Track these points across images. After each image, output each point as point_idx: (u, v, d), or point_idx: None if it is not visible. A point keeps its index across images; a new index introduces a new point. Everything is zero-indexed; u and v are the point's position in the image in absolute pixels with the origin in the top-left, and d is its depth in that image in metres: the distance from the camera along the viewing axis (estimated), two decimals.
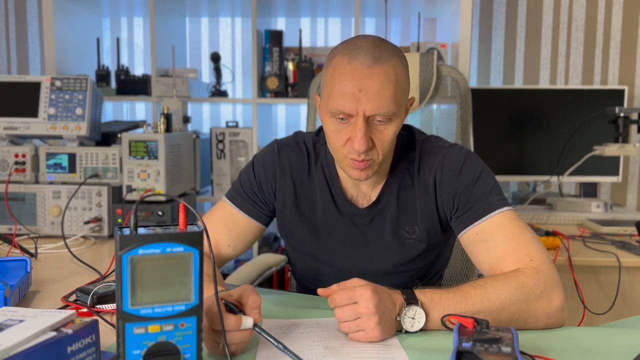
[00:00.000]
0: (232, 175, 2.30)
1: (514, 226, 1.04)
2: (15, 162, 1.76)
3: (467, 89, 1.64)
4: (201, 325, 0.72)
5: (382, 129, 1.04)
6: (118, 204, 1.74)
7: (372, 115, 1.01)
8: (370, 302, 0.86)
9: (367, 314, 0.87)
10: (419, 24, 2.30)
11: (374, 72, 0.99)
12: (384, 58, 1.00)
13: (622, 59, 2.54)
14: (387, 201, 1.16)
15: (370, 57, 1.00)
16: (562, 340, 0.92)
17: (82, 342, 0.73)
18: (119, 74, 2.36)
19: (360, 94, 0.99)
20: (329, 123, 1.05)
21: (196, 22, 2.74)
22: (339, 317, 0.89)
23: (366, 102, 0.99)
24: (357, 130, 1.01)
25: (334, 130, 1.05)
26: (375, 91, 0.99)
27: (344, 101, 1.00)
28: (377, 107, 1.00)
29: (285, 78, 2.32)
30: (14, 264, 1.18)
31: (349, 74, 1.00)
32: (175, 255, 0.69)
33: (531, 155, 2.25)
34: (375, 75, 0.99)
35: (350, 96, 1.00)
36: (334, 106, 1.02)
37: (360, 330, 0.88)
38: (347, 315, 0.88)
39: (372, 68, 0.99)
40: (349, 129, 1.03)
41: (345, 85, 1.00)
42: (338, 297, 0.88)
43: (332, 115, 1.04)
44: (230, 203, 1.23)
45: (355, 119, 1.01)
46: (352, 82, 1.00)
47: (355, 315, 0.87)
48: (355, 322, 0.88)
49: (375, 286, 0.90)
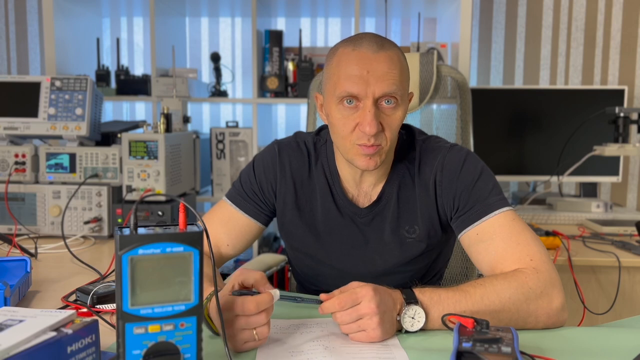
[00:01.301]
0: (232, 175, 2.30)
1: (513, 226, 1.04)
2: (15, 162, 1.76)
3: (467, 89, 1.64)
4: (201, 325, 0.72)
5: (390, 113, 1.04)
6: (118, 204, 1.74)
7: (381, 97, 1.02)
8: (372, 302, 0.87)
9: (368, 314, 0.87)
10: (419, 24, 2.30)
11: (380, 56, 1.02)
12: (387, 45, 1.04)
13: (622, 59, 2.54)
14: (388, 201, 1.17)
15: (374, 44, 1.03)
16: (562, 340, 0.92)
17: (82, 342, 0.73)
18: (118, 74, 2.36)
19: (368, 76, 1.01)
20: (336, 111, 1.05)
21: (196, 22, 2.74)
22: (341, 320, 0.88)
23: (375, 83, 1.01)
24: (366, 113, 1.01)
25: (341, 118, 1.05)
26: (383, 72, 1.01)
27: (353, 83, 1.01)
28: (387, 86, 1.01)
29: (285, 78, 2.32)
30: (14, 264, 1.18)
31: (355, 58, 1.02)
32: (175, 255, 0.69)
33: (531, 155, 2.25)
34: (381, 58, 1.02)
35: (359, 78, 1.01)
36: (343, 89, 1.02)
37: (361, 331, 0.88)
38: (349, 318, 0.88)
39: (377, 53, 1.02)
40: (357, 114, 1.03)
41: (353, 69, 1.02)
42: (339, 300, 0.88)
43: (339, 101, 1.04)
44: (230, 203, 1.23)
45: (364, 102, 1.02)
46: (360, 65, 1.01)
47: (357, 317, 0.87)
48: (356, 323, 0.88)
49: (376, 286, 0.90)
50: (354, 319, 0.88)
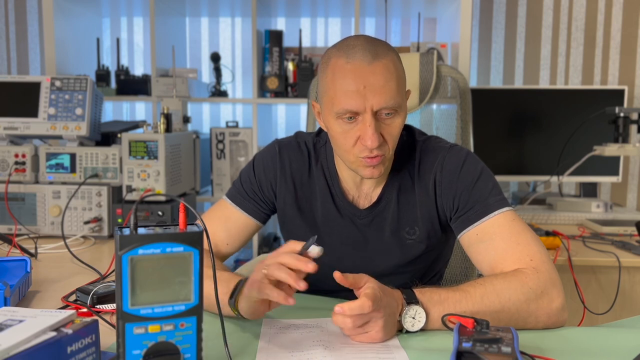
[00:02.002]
0: (232, 175, 2.30)
1: (513, 226, 1.04)
2: (15, 162, 1.76)
3: (467, 89, 1.64)
4: (201, 325, 0.72)
5: (390, 122, 1.03)
6: (118, 204, 1.74)
7: (380, 110, 1.01)
8: (379, 306, 0.87)
9: (375, 317, 0.87)
10: (419, 24, 2.31)
11: (376, 67, 1.00)
12: (381, 53, 1.01)
13: (622, 59, 2.54)
14: (388, 202, 1.16)
15: (368, 53, 1.00)
16: (562, 340, 0.92)
17: (82, 342, 0.73)
18: (119, 74, 2.36)
19: (365, 90, 0.99)
20: (336, 125, 1.04)
21: (196, 22, 2.74)
22: (349, 334, 0.89)
23: (372, 97, 0.99)
24: (367, 127, 1.00)
25: (341, 132, 1.04)
26: (380, 85, 0.99)
27: (350, 99, 1.00)
28: (384, 100, 1.00)
29: (285, 78, 2.31)
30: (14, 264, 1.18)
31: (350, 72, 1.00)
32: (175, 255, 0.69)
33: (531, 155, 2.25)
34: (377, 69, 1.00)
35: (356, 94, 0.99)
36: (340, 106, 1.01)
37: (364, 333, 0.88)
38: (360, 322, 0.87)
39: (372, 64, 1.00)
40: (357, 128, 1.02)
41: (349, 84, 1.00)
42: (353, 320, 0.86)
43: (338, 116, 1.03)
44: (229, 202, 1.23)
45: (363, 116, 1.01)
46: (355, 80, 0.99)
47: (364, 320, 0.87)
48: (362, 326, 0.88)
49: (383, 287, 0.90)
50: (361, 323, 0.88)
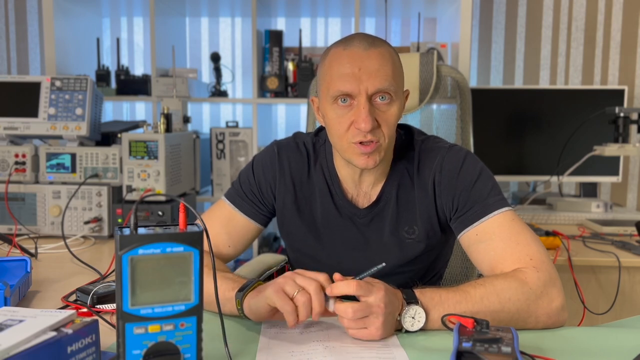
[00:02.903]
0: (232, 175, 2.30)
1: (513, 226, 1.04)
2: (15, 162, 1.76)
3: (467, 89, 1.64)
4: (201, 325, 0.72)
5: (385, 109, 1.04)
6: (118, 204, 1.74)
7: (374, 93, 1.02)
8: (382, 302, 0.87)
9: (375, 312, 0.87)
10: (419, 24, 2.31)
11: (371, 53, 1.03)
12: (377, 43, 1.05)
13: (622, 59, 2.54)
14: (387, 201, 1.16)
15: (365, 42, 1.04)
16: (562, 340, 0.92)
17: (82, 342, 0.73)
18: (119, 74, 2.36)
19: (360, 73, 1.01)
20: (331, 110, 1.06)
21: (196, 22, 2.74)
22: (348, 326, 0.89)
23: (367, 80, 1.01)
24: (360, 110, 1.02)
25: (336, 117, 1.05)
26: (375, 68, 1.02)
27: (345, 82, 1.02)
28: (380, 82, 1.01)
29: (285, 78, 2.32)
30: (14, 264, 1.18)
31: (346, 57, 1.03)
32: (175, 255, 0.69)
33: (531, 155, 2.25)
34: (372, 55, 1.03)
35: (351, 76, 1.02)
36: (335, 88, 1.03)
37: (363, 328, 0.88)
38: (361, 314, 0.88)
39: (368, 50, 1.03)
40: (351, 112, 1.04)
41: (345, 67, 1.02)
42: (354, 310, 0.87)
43: (334, 100, 1.04)
44: (229, 203, 1.23)
45: (358, 99, 1.02)
46: (351, 63, 1.02)
47: (364, 314, 0.88)
48: (362, 320, 0.88)
49: (387, 286, 0.90)
50: (362, 316, 0.88)
